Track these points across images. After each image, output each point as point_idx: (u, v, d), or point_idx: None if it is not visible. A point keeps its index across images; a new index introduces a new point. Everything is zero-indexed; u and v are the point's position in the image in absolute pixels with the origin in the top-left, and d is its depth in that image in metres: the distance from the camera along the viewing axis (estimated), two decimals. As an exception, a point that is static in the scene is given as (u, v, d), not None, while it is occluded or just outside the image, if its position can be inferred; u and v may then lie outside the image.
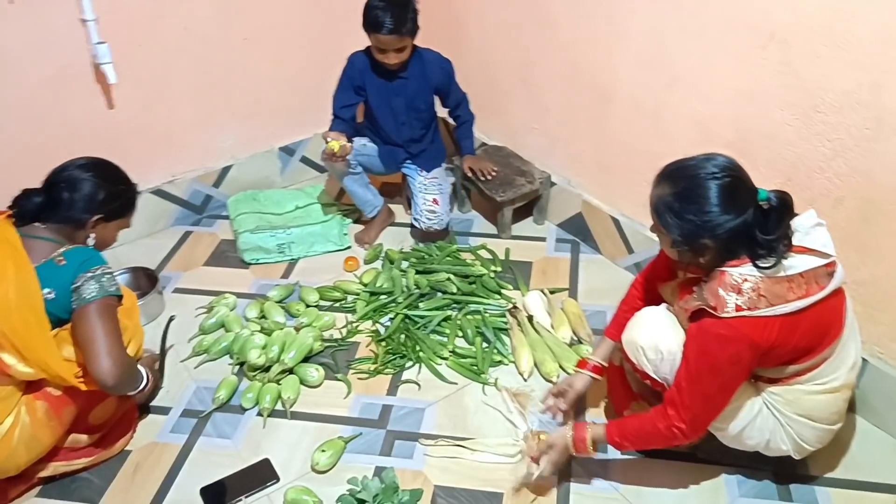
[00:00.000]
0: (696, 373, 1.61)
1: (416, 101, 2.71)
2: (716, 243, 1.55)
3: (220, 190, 3.08)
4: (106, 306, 1.74)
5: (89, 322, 1.71)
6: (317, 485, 1.91)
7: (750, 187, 1.56)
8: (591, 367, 1.98)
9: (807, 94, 1.91)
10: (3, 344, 1.66)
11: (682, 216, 1.55)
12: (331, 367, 2.29)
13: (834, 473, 1.92)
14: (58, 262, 1.72)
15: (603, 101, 2.53)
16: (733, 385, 1.63)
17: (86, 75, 2.58)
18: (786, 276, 1.56)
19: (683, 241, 1.58)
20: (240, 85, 2.95)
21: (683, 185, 1.56)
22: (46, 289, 1.70)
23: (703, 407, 1.64)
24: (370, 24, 2.50)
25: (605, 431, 1.77)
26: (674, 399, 1.65)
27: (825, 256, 1.60)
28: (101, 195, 1.83)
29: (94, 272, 1.73)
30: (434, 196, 2.80)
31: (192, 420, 2.13)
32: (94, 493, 1.93)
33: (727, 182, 1.53)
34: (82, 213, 1.81)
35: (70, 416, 1.83)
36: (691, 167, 1.57)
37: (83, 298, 1.71)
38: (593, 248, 2.81)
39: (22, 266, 1.68)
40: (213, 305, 2.53)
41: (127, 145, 2.77)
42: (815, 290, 1.57)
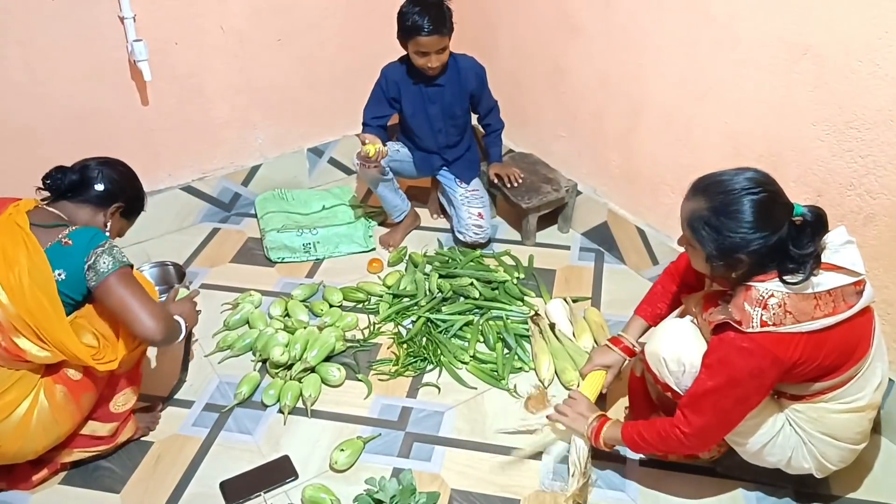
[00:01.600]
0: (714, 384, 1.60)
1: (452, 107, 2.72)
2: (750, 258, 1.54)
3: (248, 188, 3.11)
4: (124, 274, 1.79)
5: (116, 292, 1.76)
6: (335, 484, 1.92)
7: (785, 202, 1.55)
8: (622, 346, 2.00)
9: (840, 110, 1.89)
10: (19, 328, 1.68)
11: (718, 231, 1.54)
12: (352, 368, 2.31)
13: (856, 494, 1.89)
14: (64, 243, 1.75)
15: (632, 112, 2.53)
16: (751, 400, 1.61)
17: (122, 72, 2.63)
18: (813, 293, 1.54)
19: (719, 256, 1.56)
20: (272, 85, 2.99)
21: (720, 200, 1.54)
22: (57, 270, 1.74)
23: (716, 418, 1.63)
24: (409, 30, 2.50)
25: (622, 431, 1.78)
26: (685, 408, 1.65)
27: (854, 275, 1.58)
28: (129, 188, 1.95)
29: (104, 246, 1.78)
30: (479, 210, 2.80)
31: (214, 414, 2.16)
32: (116, 482, 1.96)
33: (764, 197, 1.52)
34: (109, 195, 1.90)
35: (89, 402, 1.86)
36: (727, 181, 1.56)
37: (101, 273, 1.75)
38: (617, 258, 2.80)
39: (33, 250, 1.72)
40: (238, 302, 2.56)
41: (159, 141, 2.82)
42: (843, 308, 1.56)
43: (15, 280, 1.68)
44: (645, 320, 2.01)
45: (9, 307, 1.67)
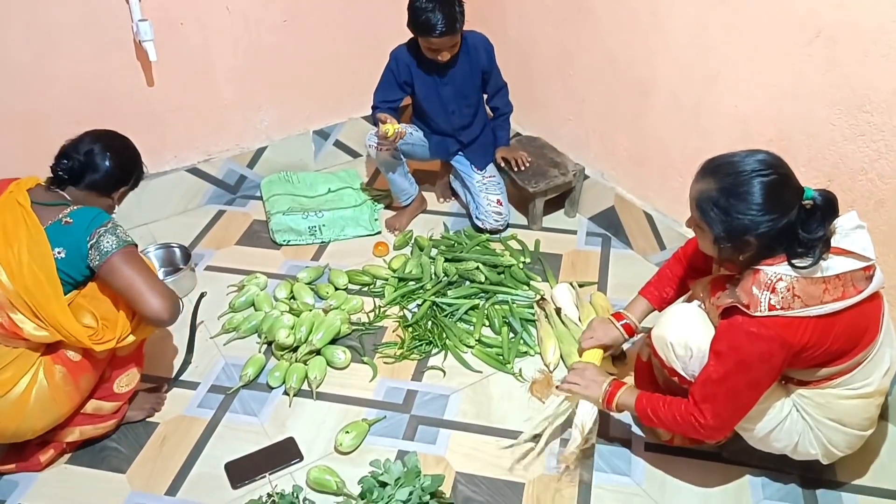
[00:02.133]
0: (724, 369, 1.59)
1: (464, 87, 2.70)
2: (758, 241, 1.52)
3: (254, 171, 3.10)
4: (128, 253, 1.78)
5: (121, 271, 1.76)
6: (340, 465, 1.93)
7: (796, 185, 1.53)
8: (624, 323, 1.99)
9: (852, 93, 1.87)
10: (17, 305, 1.69)
11: (727, 212, 1.52)
12: (357, 351, 2.31)
13: (862, 480, 1.88)
14: (65, 223, 1.76)
15: (641, 95, 2.50)
16: (762, 385, 1.60)
17: (128, 52, 2.62)
18: (822, 278, 1.53)
19: (727, 238, 1.55)
20: (278, 67, 2.97)
21: (729, 181, 1.53)
22: (56, 248, 1.74)
23: (729, 404, 1.62)
24: (420, 28, 2.48)
25: (636, 399, 1.76)
26: (697, 393, 1.64)
27: (864, 259, 1.57)
28: (134, 169, 1.94)
29: (106, 226, 1.78)
30: (497, 196, 2.80)
31: (220, 396, 2.16)
32: (122, 461, 1.97)
33: (774, 179, 1.50)
34: (117, 181, 1.90)
35: (88, 384, 1.86)
36: (737, 163, 1.54)
37: (104, 252, 1.75)
38: (624, 242, 2.79)
39: (33, 228, 1.72)
40: (243, 284, 2.56)
41: (165, 123, 2.80)
42: (852, 292, 1.54)
43: (14, 257, 1.68)
44: (650, 302, 2.00)
45: (7, 284, 1.67)
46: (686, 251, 1.95)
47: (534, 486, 1.89)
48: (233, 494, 1.88)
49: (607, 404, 1.82)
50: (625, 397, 1.80)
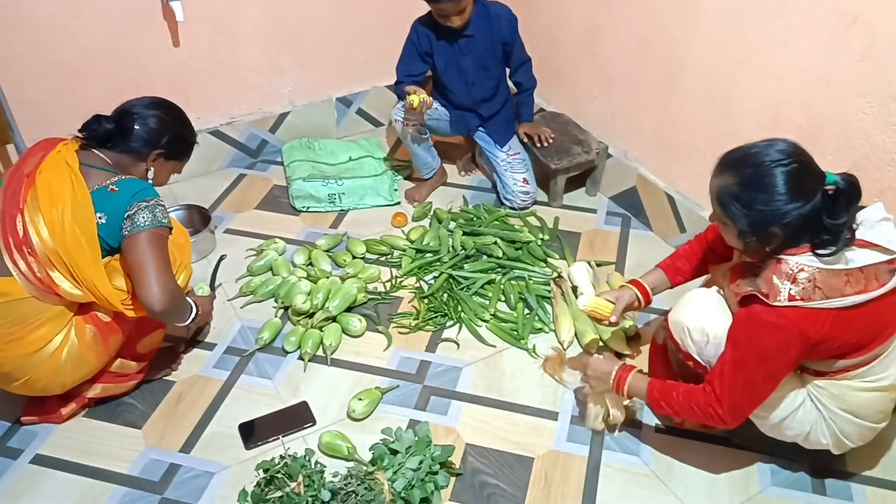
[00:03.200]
0: (741, 358, 1.59)
1: (484, 59, 2.67)
2: (784, 231, 1.51)
3: (276, 136, 3.10)
4: (157, 235, 1.78)
5: (140, 248, 1.76)
6: (351, 431, 1.95)
7: (817, 171, 1.51)
8: (640, 287, 1.98)
9: (887, 82, 1.83)
10: (55, 263, 1.71)
11: (749, 206, 1.50)
12: (373, 319, 2.32)
13: (872, 472, 1.88)
14: (111, 190, 1.77)
15: (670, 76, 2.47)
16: (779, 375, 1.60)
17: (154, 11, 2.61)
18: (844, 270, 1.51)
19: (752, 231, 1.53)
20: (304, 32, 2.95)
21: (749, 174, 1.51)
22: (99, 213, 1.75)
23: (746, 394, 1.62)
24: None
25: (647, 386, 1.76)
26: (715, 382, 1.63)
27: (889, 252, 1.55)
28: (167, 133, 1.89)
29: (149, 202, 1.78)
30: (523, 175, 2.78)
31: (235, 358, 2.19)
32: (138, 418, 2.00)
33: (794, 168, 1.48)
34: (146, 145, 1.87)
35: (117, 344, 1.90)
36: (755, 154, 1.52)
37: (136, 225, 1.75)
38: (644, 224, 2.77)
39: (79, 189, 1.73)
40: (262, 248, 2.57)
41: (189, 84, 2.80)
42: (874, 286, 1.53)
43: (57, 216, 1.70)
44: (664, 272, 1.99)
45: (48, 242, 1.69)
46: (708, 235, 1.94)
47: (542, 460, 1.91)
48: (246, 454, 1.91)
49: (618, 390, 1.83)
50: (636, 383, 1.79)
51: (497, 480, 1.86)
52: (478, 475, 1.87)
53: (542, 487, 1.84)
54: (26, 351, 1.75)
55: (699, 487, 1.85)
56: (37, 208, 1.70)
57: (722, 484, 1.86)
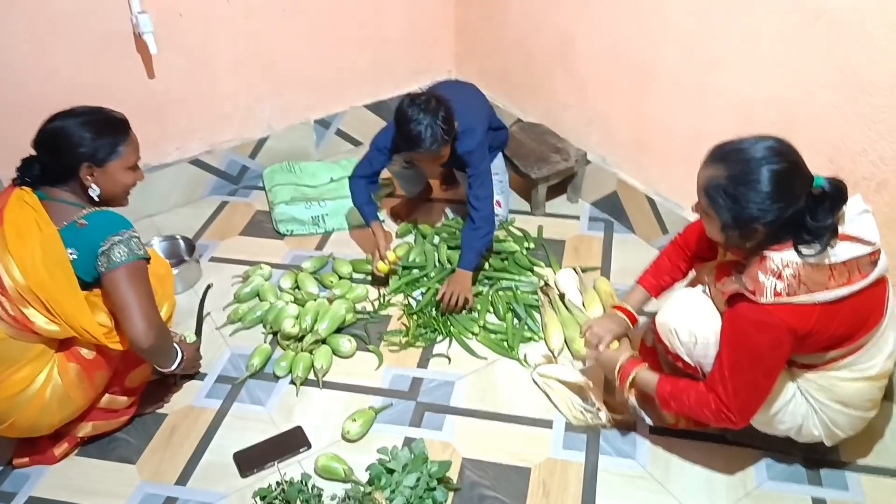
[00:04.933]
0: (739, 361, 1.60)
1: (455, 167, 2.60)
2: (766, 228, 1.52)
3: (256, 161, 3.11)
4: (136, 269, 1.75)
5: (121, 286, 1.73)
6: (347, 453, 1.94)
7: (805, 173, 1.53)
8: (627, 312, 2.00)
9: (854, 74, 1.86)
10: (29, 300, 1.68)
11: (735, 200, 1.52)
12: (363, 339, 2.32)
13: (866, 460, 1.90)
14: (79, 224, 1.74)
15: (643, 80, 2.50)
16: (777, 370, 1.62)
17: (127, 44, 2.61)
18: (828, 264, 1.53)
19: (734, 226, 1.55)
20: (278, 57, 2.96)
21: (738, 169, 1.52)
22: (70, 249, 1.72)
23: (750, 394, 1.63)
24: (402, 138, 2.29)
25: (657, 382, 1.75)
26: (718, 388, 1.63)
27: (869, 245, 1.57)
28: (81, 143, 1.75)
29: (122, 235, 1.75)
30: (497, 198, 2.70)
31: (227, 386, 2.18)
32: (132, 452, 1.99)
33: (784, 168, 1.50)
34: (68, 167, 1.76)
35: (103, 380, 1.88)
36: (746, 150, 1.54)
37: (113, 262, 1.72)
38: (627, 227, 2.79)
39: (45, 227, 1.71)
40: (248, 275, 2.57)
41: (166, 115, 2.81)
42: (857, 278, 1.55)
43: (28, 254, 1.68)
44: (647, 291, 2.01)
45: (20, 280, 1.68)
46: (685, 238, 1.96)
47: (539, 470, 1.91)
48: (242, 483, 1.90)
49: (621, 381, 1.83)
50: (645, 377, 1.79)
51: (495, 493, 1.86)
52: (476, 488, 1.87)
53: (541, 497, 1.84)
54: (9, 393, 1.73)
55: (696, 486, 1.85)
56: (5, 249, 1.68)
57: (719, 481, 1.86)
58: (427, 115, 2.23)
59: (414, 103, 2.26)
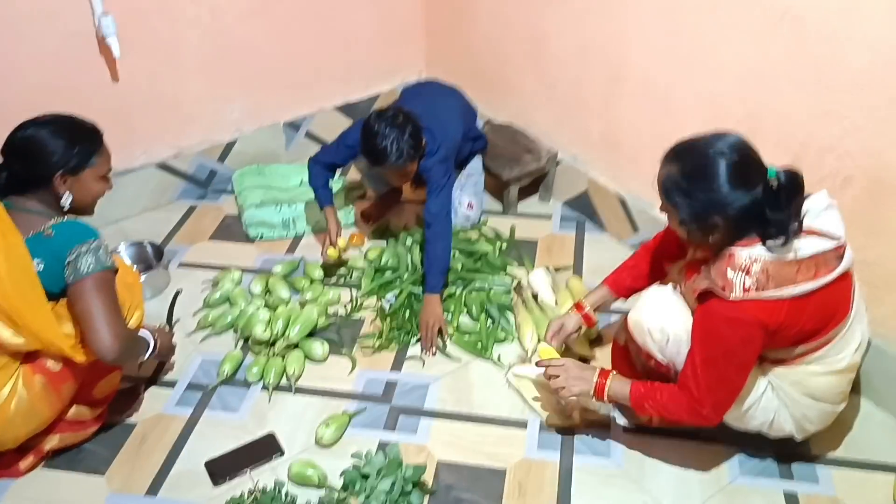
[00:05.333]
0: (711, 357, 1.61)
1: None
2: (725, 222, 1.54)
3: (225, 164, 3.07)
4: (102, 280, 1.72)
5: (87, 296, 1.70)
6: (321, 458, 1.92)
7: (759, 165, 1.55)
8: (583, 313, 2.03)
9: (819, 71, 1.89)
10: None
11: (690, 194, 1.55)
12: (336, 343, 2.30)
13: (836, 453, 1.92)
14: (46, 234, 1.71)
15: (613, 79, 2.51)
16: (748, 365, 1.63)
17: (91, 47, 2.56)
18: (795, 259, 1.55)
19: (692, 220, 1.57)
20: (246, 58, 2.93)
21: (692, 164, 1.55)
22: (36, 259, 1.69)
23: (723, 390, 1.65)
24: (365, 152, 2.30)
25: (630, 389, 1.76)
26: (691, 385, 1.64)
27: (835, 239, 1.59)
28: (53, 153, 1.73)
29: (90, 245, 1.72)
30: (469, 199, 2.73)
31: (198, 393, 2.14)
32: (101, 463, 1.95)
33: (736, 160, 1.52)
34: (41, 176, 1.73)
35: (70, 392, 1.84)
36: (700, 145, 1.57)
37: (79, 272, 1.69)
38: (598, 226, 2.80)
39: (10, 234, 1.67)
40: (218, 280, 2.53)
41: (132, 119, 2.76)
42: (824, 272, 1.57)
43: None
44: (609, 289, 2.04)
45: None
46: (655, 242, 1.98)
47: (515, 471, 1.90)
48: (214, 492, 1.87)
49: (599, 397, 1.83)
50: (617, 387, 1.79)
51: (472, 495, 1.85)
52: (452, 491, 1.86)
53: (517, 497, 1.84)
54: None
55: (671, 483, 1.86)
56: None
57: (693, 478, 1.87)
58: (393, 129, 2.23)
59: (381, 117, 2.26)
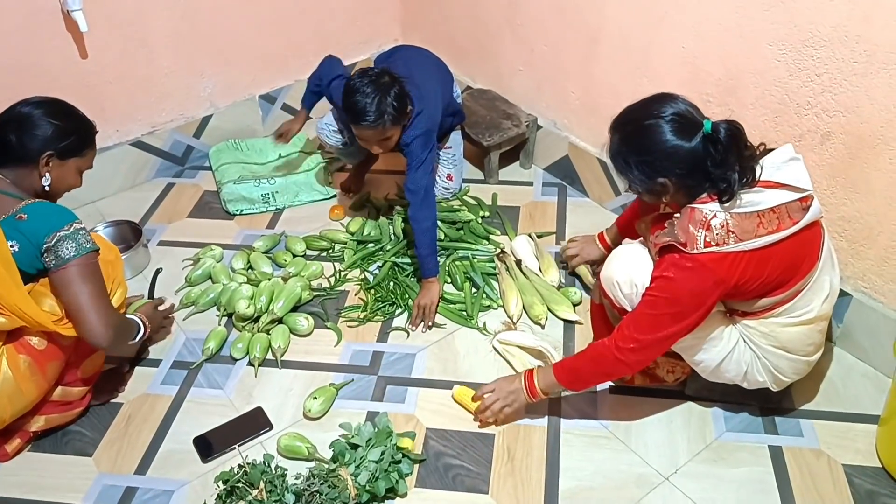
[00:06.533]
0: (654, 298, 1.64)
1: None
2: (672, 182, 1.57)
3: (201, 140, 3.02)
4: (88, 265, 1.71)
5: (74, 285, 1.68)
6: (310, 431, 1.92)
7: (692, 120, 1.56)
8: (606, 245, 2.22)
9: (796, 28, 1.88)
10: None
11: (633, 161, 1.59)
12: (320, 316, 2.29)
13: (818, 406, 1.96)
14: (19, 218, 1.68)
15: (590, 42, 2.48)
16: (686, 317, 1.61)
17: (56, 23, 2.49)
18: (756, 212, 1.56)
19: (641, 184, 1.61)
20: (217, 31, 2.86)
21: (629, 130, 1.60)
22: (10, 241, 1.67)
23: (651, 333, 1.64)
24: (346, 110, 2.21)
25: (553, 374, 1.80)
26: (624, 322, 1.69)
27: (799, 191, 1.60)
28: (51, 131, 1.76)
29: (68, 230, 1.69)
30: (449, 171, 2.71)
31: (183, 371, 2.13)
32: (88, 445, 1.94)
33: (670, 119, 1.54)
34: (31, 150, 1.75)
35: (55, 371, 1.82)
36: (635, 111, 1.62)
37: (62, 259, 1.67)
38: (580, 191, 2.80)
39: None
40: (199, 257, 2.51)
41: (103, 96, 2.70)
42: (788, 224, 1.57)
43: None
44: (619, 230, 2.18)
45: None
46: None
47: (504, 435, 1.92)
48: (204, 468, 1.87)
49: (533, 397, 1.85)
50: (543, 380, 1.82)
51: (461, 461, 1.86)
52: (441, 458, 1.87)
53: (506, 462, 1.85)
54: None
55: (658, 442, 1.88)
56: None
57: (679, 435, 1.90)
58: (376, 89, 2.15)
59: (365, 75, 2.20)
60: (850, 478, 1.78)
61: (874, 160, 1.85)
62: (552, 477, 1.82)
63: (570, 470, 1.83)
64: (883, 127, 1.79)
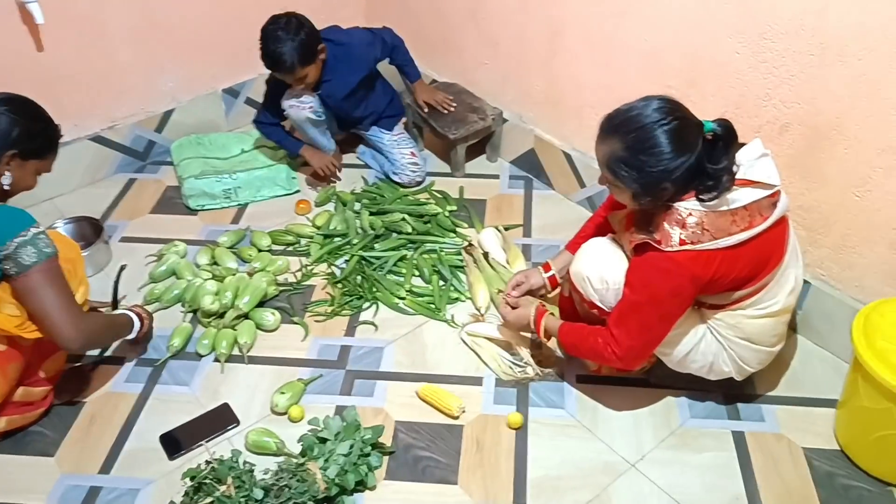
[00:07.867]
0: (637, 302, 1.66)
1: (353, 91, 2.68)
2: (674, 185, 1.57)
3: (162, 135, 2.97)
4: (50, 269, 1.67)
5: (38, 291, 1.65)
6: (278, 427, 1.91)
7: (695, 122, 1.57)
8: (549, 275, 2.07)
9: (754, 20, 1.91)
10: None
11: (639, 169, 1.55)
12: (287, 311, 2.28)
13: (779, 392, 2.00)
14: None
15: (553, 34, 2.50)
16: (672, 316, 1.68)
17: (10, 14, 2.43)
18: (729, 210, 1.59)
19: (644, 192, 1.59)
20: (177, 24, 2.82)
21: (633, 137, 1.55)
22: None
23: (642, 336, 1.70)
24: (264, 59, 2.49)
25: (559, 328, 1.87)
26: (613, 326, 1.71)
27: (769, 187, 1.63)
28: (16, 130, 1.72)
29: (26, 235, 1.65)
30: (410, 149, 2.79)
31: (147, 369, 2.10)
32: (49, 445, 1.90)
33: (676, 125, 1.53)
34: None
35: (16, 372, 1.78)
36: (636, 116, 1.56)
37: (23, 265, 1.63)
38: (546, 183, 2.82)
39: None
40: (162, 253, 2.47)
41: (61, 90, 2.64)
42: (759, 221, 1.61)
43: None
44: (570, 254, 2.04)
45: None
46: (607, 204, 1.99)
47: (472, 427, 1.93)
48: (170, 466, 1.85)
49: (536, 327, 1.91)
50: (550, 324, 1.89)
51: (430, 453, 1.87)
52: (410, 450, 1.87)
53: (475, 453, 1.86)
54: None
55: (624, 429, 1.91)
56: None
57: (645, 423, 1.93)
58: (287, 32, 2.41)
59: (275, 22, 2.44)
60: (810, 460, 1.83)
61: (830, 150, 1.89)
62: (521, 467, 1.83)
63: (539, 459, 1.85)
64: (838, 118, 1.84)
